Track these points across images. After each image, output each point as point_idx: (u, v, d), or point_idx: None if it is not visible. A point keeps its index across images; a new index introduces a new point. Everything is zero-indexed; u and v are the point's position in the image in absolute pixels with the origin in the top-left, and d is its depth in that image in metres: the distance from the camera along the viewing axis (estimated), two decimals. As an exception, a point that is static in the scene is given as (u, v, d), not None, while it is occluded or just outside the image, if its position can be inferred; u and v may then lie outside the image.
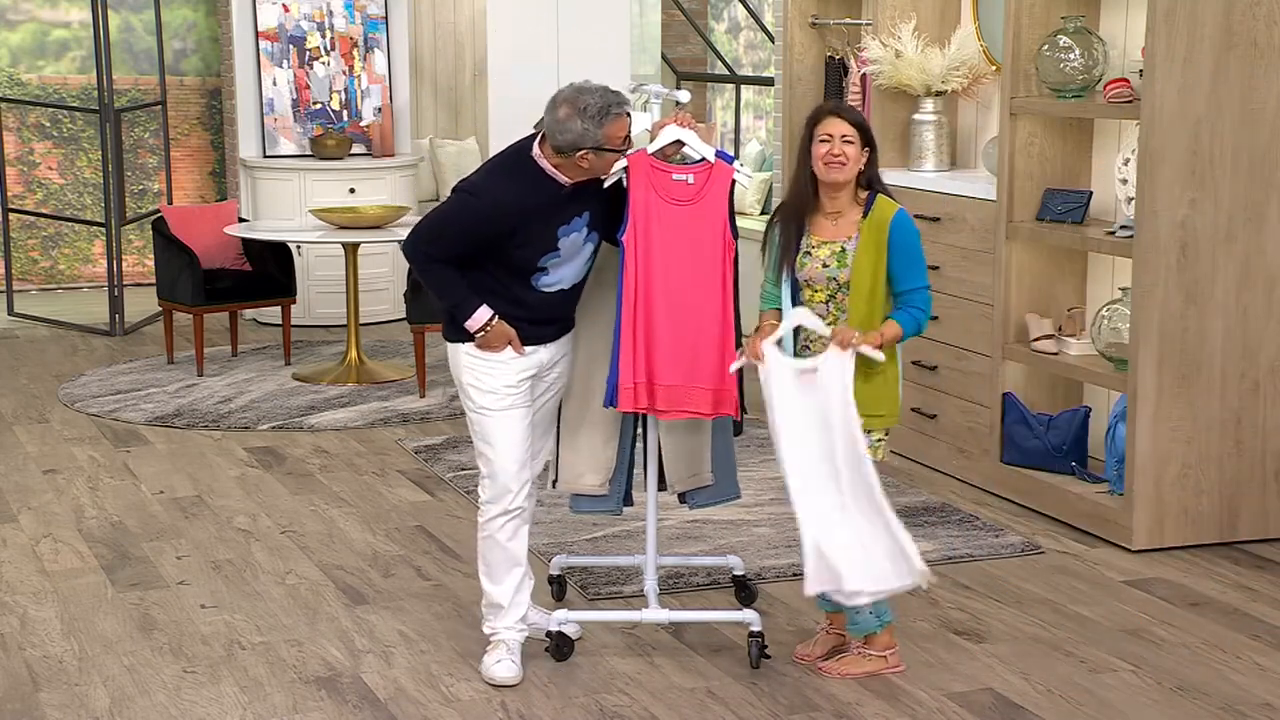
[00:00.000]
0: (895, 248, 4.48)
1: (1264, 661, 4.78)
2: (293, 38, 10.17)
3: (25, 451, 7.20)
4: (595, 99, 4.40)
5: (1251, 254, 5.73)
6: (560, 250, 4.52)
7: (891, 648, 4.68)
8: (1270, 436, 5.84)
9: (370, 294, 10.02)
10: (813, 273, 4.53)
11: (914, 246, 4.51)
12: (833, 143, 4.48)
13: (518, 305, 4.55)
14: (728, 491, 4.95)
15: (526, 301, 4.56)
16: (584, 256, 4.60)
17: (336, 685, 4.62)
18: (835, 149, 4.48)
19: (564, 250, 4.53)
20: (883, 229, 4.47)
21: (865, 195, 4.55)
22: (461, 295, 4.51)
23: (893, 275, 4.51)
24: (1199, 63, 5.57)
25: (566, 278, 4.59)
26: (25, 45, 11.29)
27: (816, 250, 4.54)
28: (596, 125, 4.39)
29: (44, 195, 11.40)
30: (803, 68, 7.99)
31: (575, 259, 4.57)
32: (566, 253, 4.53)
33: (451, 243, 4.48)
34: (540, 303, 4.58)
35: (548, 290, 4.57)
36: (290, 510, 6.33)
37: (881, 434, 4.58)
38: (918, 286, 4.51)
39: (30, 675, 4.70)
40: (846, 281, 4.50)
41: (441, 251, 4.49)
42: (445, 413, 7.85)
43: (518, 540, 4.64)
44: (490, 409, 4.58)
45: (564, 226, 4.50)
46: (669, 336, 4.54)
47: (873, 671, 4.64)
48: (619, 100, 4.45)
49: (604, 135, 4.40)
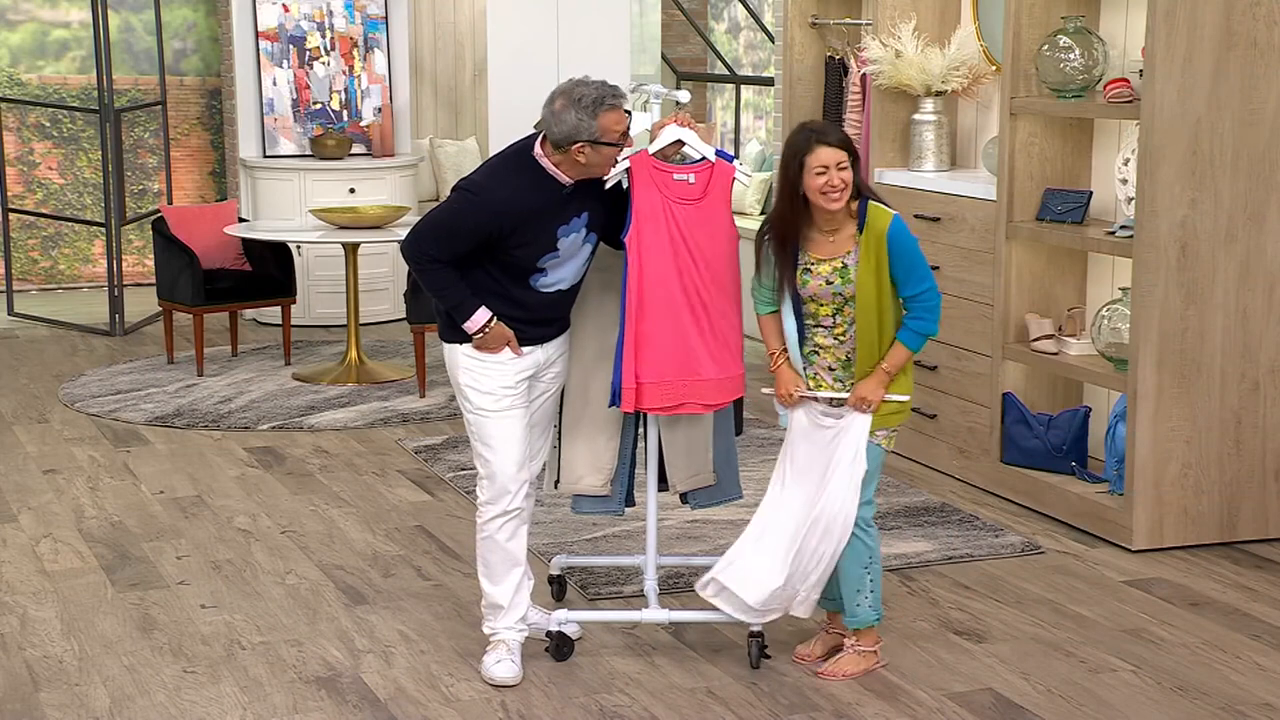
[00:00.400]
0: (895, 257, 4.47)
1: (1264, 661, 4.78)
2: (293, 38, 10.17)
3: (25, 451, 7.21)
4: (590, 90, 4.40)
5: (1251, 254, 5.73)
6: (559, 251, 4.51)
7: (880, 642, 4.71)
8: (1270, 436, 5.84)
9: (370, 294, 10.02)
10: (816, 289, 4.53)
11: (913, 252, 4.50)
12: (829, 174, 4.42)
13: (516, 306, 4.55)
14: (730, 492, 4.95)
15: (525, 302, 4.55)
16: (582, 257, 4.60)
17: (336, 685, 4.62)
18: (833, 180, 4.43)
19: (563, 251, 4.52)
20: (881, 241, 4.45)
21: (856, 205, 4.51)
22: (460, 296, 4.50)
23: (897, 282, 4.50)
24: (1199, 63, 5.57)
25: (565, 278, 4.58)
26: (25, 45, 11.29)
27: (816, 267, 4.53)
28: (590, 116, 4.38)
29: (44, 195, 11.40)
30: (803, 68, 8.00)
31: (574, 259, 4.57)
32: (565, 253, 4.53)
33: (451, 242, 4.46)
34: (538, 303, 4.58)
35: (546, 290, 4.57)
36: (290, 510, 6.33)
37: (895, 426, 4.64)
38: (923, 290, 4.50)
39: (30, 675, 4.70)
40: (852, 295, 4.51)
41: (441, 251, 4.47)
42: (445, 413, 7.85)
43: (516, 540, 4.64)
44: (488, 410, 4.58)
45: (563, 226, 4.50)
46: (672, 336, 4.55)
47: (868, 668, 4.66)
48: (615, 93, 4.44)
49: (599, 127, 4.39)
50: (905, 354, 4.52)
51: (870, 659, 4.68)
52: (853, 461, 4.53)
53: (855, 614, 4.65)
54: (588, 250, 4.60)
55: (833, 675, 4.63)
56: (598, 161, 4.46)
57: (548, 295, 4.58)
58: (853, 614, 4.65)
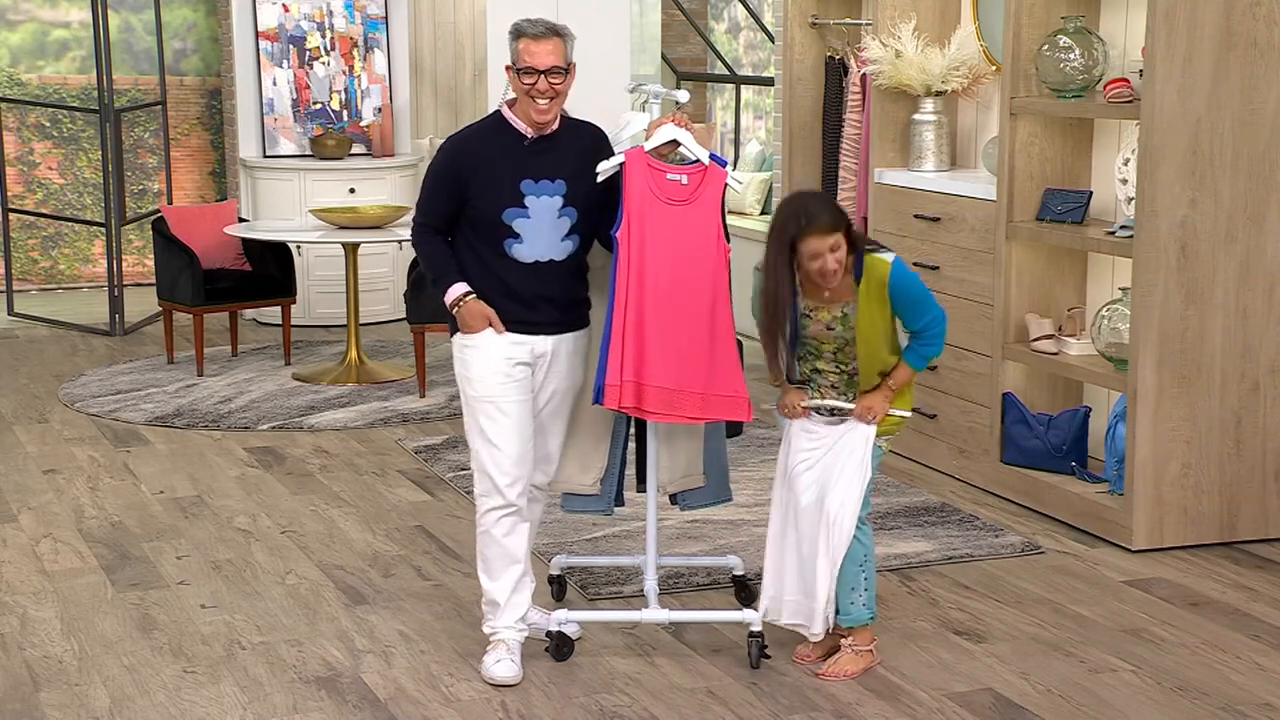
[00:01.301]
0: (898, 302, 4.49)
1: (1264, 661, 4.78)
2: (293, 38, 10.17)
3: (25, 451, 7.21)
4: (523, 19, 4.59)
5: (1251, 254, 5.73)
6: (528, 209, 4.51)
7: (875, 641, 4.73)
8: (1270, 436, 5.84)
9: (370, 294, 10.02)
10: (818, 332, 4.55)
11: (915, 290, 4.49)
12: (823, 259, 4.38)
13: (497, 279, 4.54)
14: (719, 494, 4.95)
15: (504, 275, 4.54)
16: (560, 229, 4.56)
17: (336, 685, 4.62)
18: (827, 265, 4.39)
19: (533, 211, 4.51)
20: (882, 289, 4.46)
21: (851, 259, 4.46)
22: (443, 269, 4.60)
23: (903, 319, 4.54)
24: (1199, 63, 5.57)
25: (541, 247, 4.55)
26: (25, 45, 11.29)
27: (816, 314, 4.53)
28: (513, 40, 4.55)
29: (44, 195, 11.40)
30: (803, 68, 8.00)
31: (548, 227, 4.54)
32: (536, 215, 4.51)
33: (433, 200, 4.59)
34: (519, 278, 4.55)
35: (524, 262, 4.55)
36: (290, 510, 6.33)
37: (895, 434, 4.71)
38: (929, 319, 4.51)
39: (30, 675, 4.70)
40: (853, 338, 4.52)
41: (428, 214, 4.61)
42: (445, 413, 7.85)
43: (515, 537, 4.63)
44: (478, 398, 4.57)
45: (529, 182, 4.51)
46: (658, 337, 4.52)
47: (867, 667, 4.67)
48: (538, 27, 4.55)
49: (515, 51, 4.53)
50: (909, 373, 4.57)
51: (868, 658, 4.68)
52: (859, 467, 4.55)
53: (849, 612, 4.65)
54: (566, 223, 4.57)
55: (833, 675, 4.63)
56: (520, 91, 4.54)
57: (526, 267, 4.55)
58: (846, 612, 4.66)
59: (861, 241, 4.49)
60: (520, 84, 4.52)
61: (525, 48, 4.52)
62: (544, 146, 4.56)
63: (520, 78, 4.51)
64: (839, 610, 4.67)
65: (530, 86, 4.50)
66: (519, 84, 4.53)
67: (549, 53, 4.50)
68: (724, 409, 4.58)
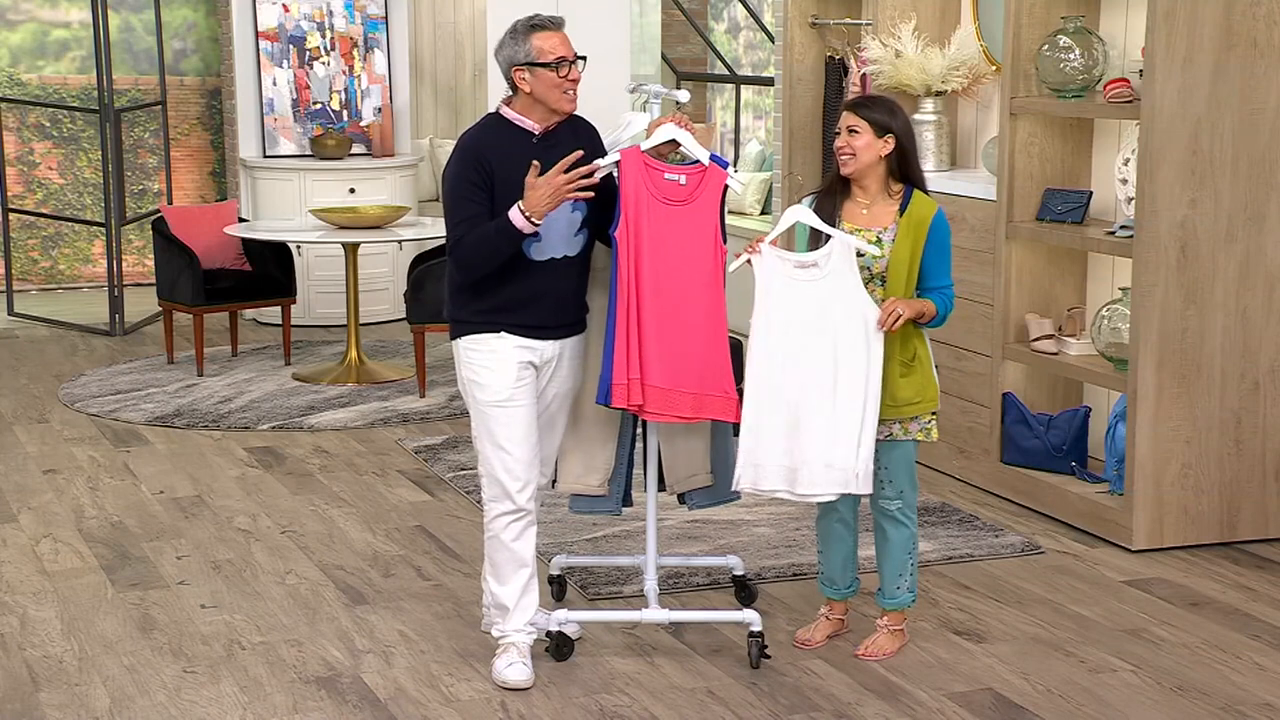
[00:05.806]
0: (933, 245, 4.60)
1: (1264, 661, 4.78)
2: (293, 38, 10.17)
3: (25, 451, 7.21)
4: (525, 17, 4.53)
5: (1251, 254, 5.73)
6: None
7: (905, 619, 4.85)
8: (1270, 436, 5.84)
9: (370, 294, 10.02)
10: None
11: (949, 246, 4.64)
12: (843, 133, 4.58)
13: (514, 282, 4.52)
14: (726, 493, 4.95)
15: (521, 278, 4.52)
16: (573, 225, 4.56)
17: (336, 685, 4.62)
18: (841, 142, 4.57)
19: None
20: (922, 225, 4.57)
21: (900, 189, 4.62)
22: (495, 230, 4.44)
23: (925, 270, 4.61)
24: (1199, 63, 5.57)
25: (555, 244, 4.54)
26: (25, 45, 11.29)
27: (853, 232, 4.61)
28: (524, 38, 4.49)
29: (44, 195, 11.40)
30: (803, 68, 7.99)
31: (563, 223, 4.54)
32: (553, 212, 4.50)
33: (461, 205, 4.48)
34: (537, 279, 4.54)
35: (539, 260, 4.54)
36: (290, 510, 6.33)
37: (929, 416, 4.69)
38: (946, 284, 4.63)
39: (30, 675, 4.70)
40: (879, 273, 4.58)
41: (462, 227, 4.47)
42: (445, 413, 7.85)
43: (523, 541, 4.63)
44: (488, 403, 4.57)
45: None
46: (656, 336, 4.52)
47: (901, 645, 4.80)
48: (551, 19, 4.53)
49: (532, 47, 4.47)
50: (932, 307, 4.58)
51: (901, 636, 4.82)
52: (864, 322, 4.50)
53: (895, 596, 4.77)
54: (579, 218, 4.57)
55: (872, 656, 4.75)
56: (541, 89, 4.49)
57: (541, 265, 4.54)
58: (892, 596, 4.77)
59: (916, 179, 4.62)
60: (553, 78, 4.48)
61: (546, 40, 4.49)
62: (551, 142, 4.55)
63: (555, 71, 4.48)
64: (883, 593, 4.77)
65: (565, 76, 4.49)
66: (550, 78, 4.48)
67: (567, 41, 4.53)
68: (716, 409, 4.59)
